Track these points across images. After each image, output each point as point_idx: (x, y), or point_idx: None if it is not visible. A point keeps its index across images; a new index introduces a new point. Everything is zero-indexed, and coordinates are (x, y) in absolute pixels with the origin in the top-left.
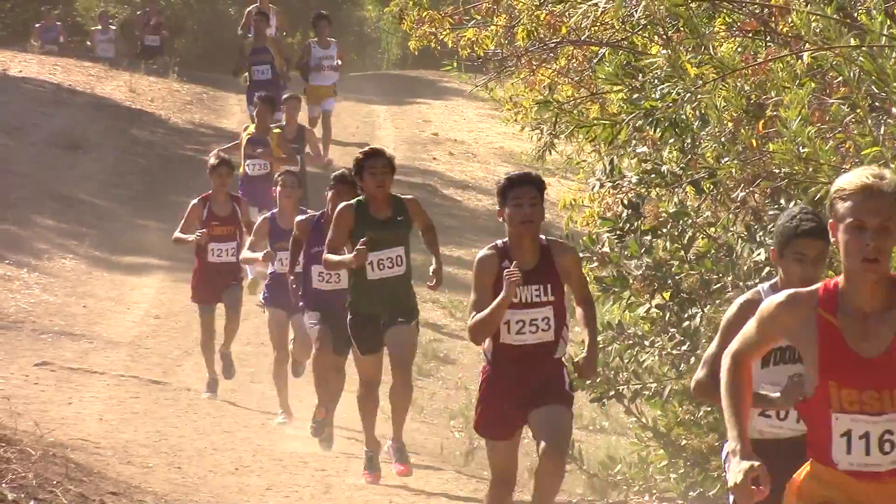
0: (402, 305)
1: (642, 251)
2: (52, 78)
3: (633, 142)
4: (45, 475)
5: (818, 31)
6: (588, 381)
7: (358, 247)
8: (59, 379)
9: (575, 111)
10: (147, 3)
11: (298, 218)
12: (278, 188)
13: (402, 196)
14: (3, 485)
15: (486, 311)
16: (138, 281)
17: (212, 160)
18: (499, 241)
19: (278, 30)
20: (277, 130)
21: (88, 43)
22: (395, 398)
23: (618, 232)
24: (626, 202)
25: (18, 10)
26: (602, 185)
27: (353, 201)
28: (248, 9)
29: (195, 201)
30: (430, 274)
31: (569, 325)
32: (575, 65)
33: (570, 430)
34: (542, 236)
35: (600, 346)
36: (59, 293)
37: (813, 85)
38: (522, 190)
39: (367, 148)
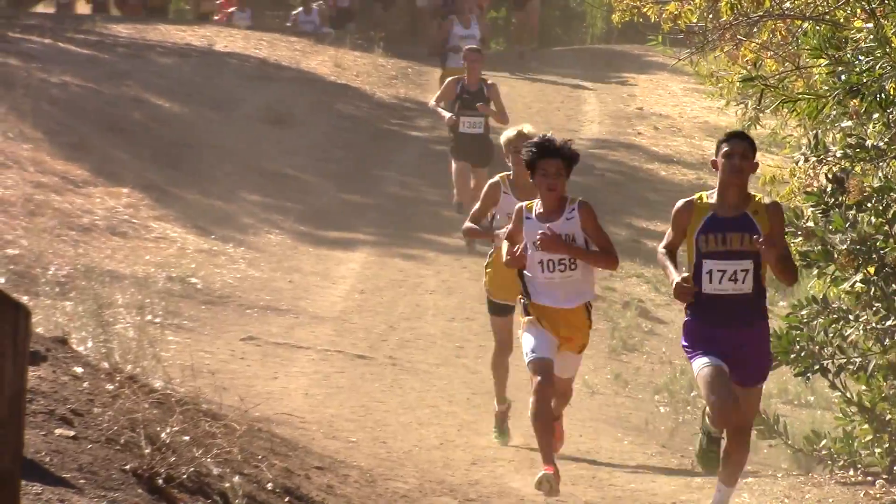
0: None
1: (847, 226)
2: (257, 53)
3: (834, 115)
4: (250, 450)
5: None
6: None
7: None
8: (264, 354)
9: (779, 86)
10: None
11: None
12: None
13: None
14: (209, 459)
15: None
16: (344, 256)
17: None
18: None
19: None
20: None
21: (289, 24)
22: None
23: (822, 206)
24: (830, 176)
25: None
26: (806, 160)
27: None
28: None
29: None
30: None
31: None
32: (778, 39)
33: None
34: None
35: (805, 320)
36: (265, 268)
37: None
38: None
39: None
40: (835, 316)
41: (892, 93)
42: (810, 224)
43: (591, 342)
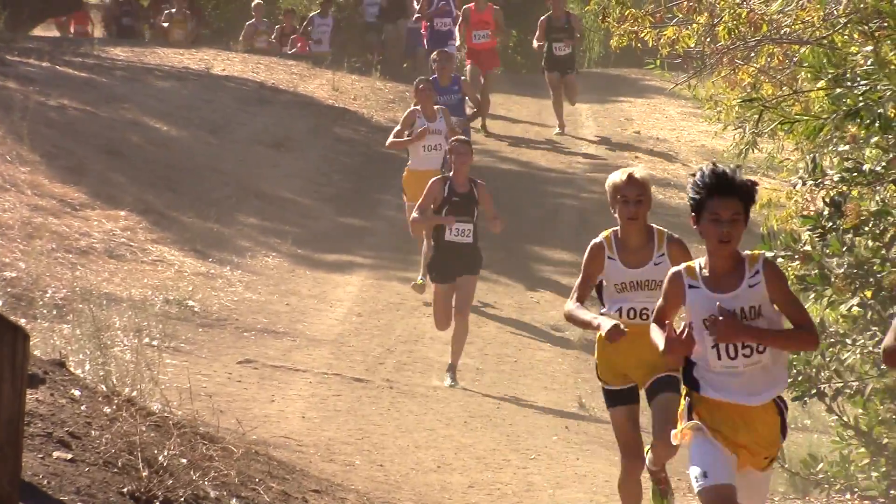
0: None
1: (844, 249)
2: (255, 76)
3: (835, 140)
4: (247, 473)
5: None
6: None
7: None
8: (261, 377)
9: (778, 108)
10: None
11: None
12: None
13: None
14: (206, 482)
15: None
16: (341, 279)
17: None
18: None
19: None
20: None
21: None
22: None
23: (819, 230)
24: (827, 200)
25: (221, 10)
26: (804, 184)
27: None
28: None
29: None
30: None
31: None
32: (775, 63)
33: None
34: None
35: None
36: (262, 291)
37: None
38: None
39: None
40: (832, 340)
41: (892, 115)
42: (807, 248)
43: (587, 366)
